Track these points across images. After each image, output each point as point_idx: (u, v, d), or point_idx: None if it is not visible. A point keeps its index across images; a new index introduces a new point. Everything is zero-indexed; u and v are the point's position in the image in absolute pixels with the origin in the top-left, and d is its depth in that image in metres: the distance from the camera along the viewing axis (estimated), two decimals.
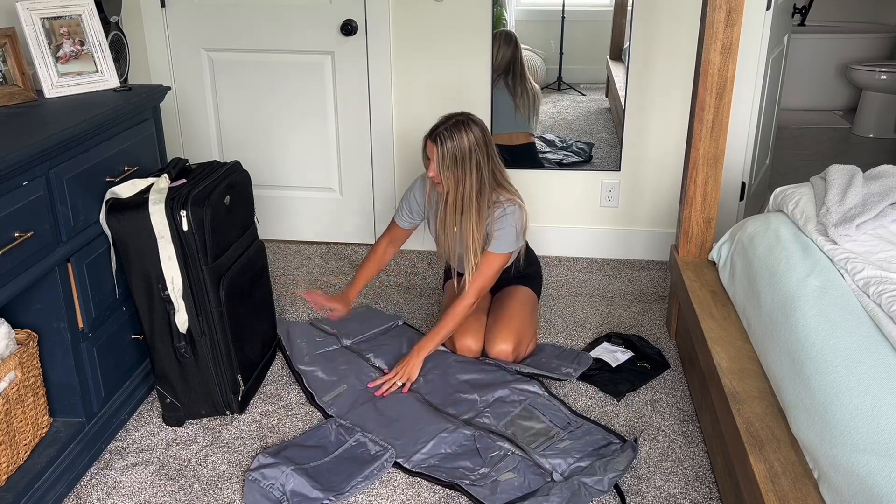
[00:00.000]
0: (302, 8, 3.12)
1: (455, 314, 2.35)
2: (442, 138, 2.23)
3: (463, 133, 2.23)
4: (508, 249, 2.35)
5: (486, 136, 2.28)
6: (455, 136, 2.22)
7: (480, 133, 2.26)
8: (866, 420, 1.40)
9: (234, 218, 2.24)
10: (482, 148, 2.26)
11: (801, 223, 2.14)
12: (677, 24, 2.94)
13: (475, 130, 2.25)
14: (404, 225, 2.55)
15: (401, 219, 2.55)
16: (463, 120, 2.25)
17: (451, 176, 2.26)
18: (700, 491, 1.94)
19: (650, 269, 3.19)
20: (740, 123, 3.02)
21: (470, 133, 2.23)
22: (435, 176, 2.28)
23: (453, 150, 2.22)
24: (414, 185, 2.50)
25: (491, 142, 2.30)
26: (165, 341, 2.13)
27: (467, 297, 2.35)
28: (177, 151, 3.40)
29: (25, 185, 1.75)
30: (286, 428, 2.21)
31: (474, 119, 2.27)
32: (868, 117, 5.17)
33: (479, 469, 1.97)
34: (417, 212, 2.51)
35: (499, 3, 3.02)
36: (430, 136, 2.27)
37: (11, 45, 2.16)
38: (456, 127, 2.23)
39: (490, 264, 2.35)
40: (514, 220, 2.32)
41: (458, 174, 2.25)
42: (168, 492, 1.96)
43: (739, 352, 1.97)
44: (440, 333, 2.36)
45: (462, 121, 2.25)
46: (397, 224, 2.56)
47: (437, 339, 2.36)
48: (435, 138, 2.24)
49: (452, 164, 2.24)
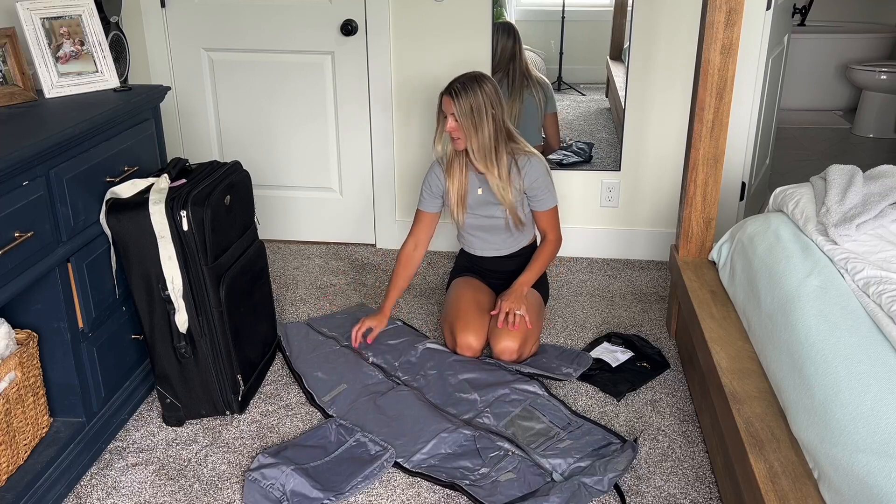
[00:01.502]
0: (302, 8, 3.13)
1: (545, 256, 2.54)
2: (457, 91, 2.36)
3: (477, 87, 2.36)
4: (555, 201, 2.53)
5: (499, 92, 2.42)
6: (470, 89, 2.35)
7: (493, 88, 2.39)
8: (866, 420, 1.40)
9: (234, 218, 2.24)
10: (497, 101, 2.39)
11: (801, 223, 2.14)
12: (677, 24, 2.94)
13: (489, 85, 2.38)
14: (431, 209, 2.58)
15: (425, 204, 2.58)
16: (476, 76, 2.39)
17: (472, 125, 2.37)
18: (700, 491, 1.94)
19: (650, 269, 3.19)
20: (740, 123, 3.02)
21: (485, 86, 2.37)
22: (454, 129, 2.39)
23: (469, 102, 2.35)
24: (431, 169, 2.56)
25: (503, 98, 2.43)
26: (165, 341, 2.13)
27: (551, 242, 2.56)
28: (177, 151, 3.40)
29: (25, 185, 1.75)
30: (286, 428, 2.21)
31: (485, 75, 2.42)
32: (868, 117, 5.17)
33: (479, 469, 1.97)
34: (439, 190, 2.56)
35: (499, 2, 3.02)
36: (446, 91, 2.38)
37: (11, 45, 2.16)
38: (470, 81, 2.37)
39: (550, 218, 2.54)
40: (539, 172, 2.46)
41: (477, 123, 2.37)
42: (168, 492, 1.97)
43: (739, 352, 1.97)
44: (534, 271, 2.52)
45: (476, 76, 2.39)
46: (423, 211, 2.59)
47: (533, 275, 2.52)
48: (451, 92, 2.37)
49: (470, 113, 2.36)
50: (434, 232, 2.63)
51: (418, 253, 2.61)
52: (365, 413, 2.21)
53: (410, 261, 2.59)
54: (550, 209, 2.53)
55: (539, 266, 2.53)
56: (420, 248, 2.60)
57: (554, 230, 2.56)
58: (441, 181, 2.53)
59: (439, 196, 2.56)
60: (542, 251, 2.55)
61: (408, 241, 2.61)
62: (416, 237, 2.60)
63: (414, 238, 2.60)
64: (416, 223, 2.60)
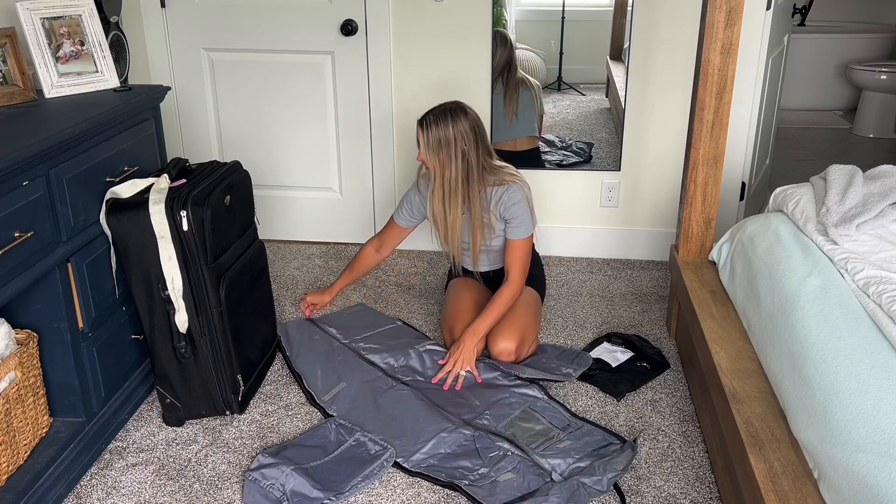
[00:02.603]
0: (302, 8, 3.12)
1: (502, 302, 2.40)
2: (427, 123, 2.33)
3: (449, 121, 2.31)
4: (529, 230, 2.42)
5: (476, 126, 2.35)
6: (441, 122, 2.31)
7: (468, 123, 2.33)
8: (866, 420, 1.40)
9: (234, 218, 2.24)
10: (469, 136, 2.32)
11: (801, 223, 2.14)
12: (677, 24, 2.94)
13: (463, 120, 2.32)
14: (403, 223, 2.59)
15: (400, 217, 2.58)
16: (452, 108, 2.34)
17: (437, 160, 2.34)
18: (700, 491, 1.94)
19: (650, 269, 3.19)
20: (740, 123, 3.02)
21: (458, 122, 2.31)
22: (423, 159, 2.37)
23: (437, 136, 2.31)
24: (417, 188, 2.54)
25: (481, 131, 2.37)
26: (165, 341, 2.13)
27: (512, 284, 2.42)
28: (177, 151, 3.40)
29: (25, 185, 1.75)
30: (286, 428, 2.21)
31: (465, 108, 2.35)
32: (868, 117, 5.17)
33: (479, 469, 1.97)
34: (419, 209, 2.55)
35: (499, 3, 3.02)
36: (419, 121, 2.36)
37: (11, 45, 2.16)
38: (444, 114, 2.32)
39: (519, 250, 2.43)
40: (517, 199, 2.39)
41: (442, 159, 2.33)
42: (168, 492, 1.97)
43: (739, 352, 1.97)
44: (489, 319, 2.39)
45: (451, 109, 2.33)
46: (395, 223, 2.61)
47: (487, 324, 2.39)
48: (422, 123, 2.34)
49: (437, 148, 2.32)
50: (401, 242, 2.66)
51: (380, 256, 2.65)
52: (364, 412, 2.21)
53: (368, 260, 2.65)
54: (522, 239, 2.40)
55: (494, 313, 2.38)
56: (383, 251, 2.64)
57: (517, 268, 2.41)
58: (422, 203, 2.54)
59: (419, 214, 2.57)
60: (499, 296, 2.39)
61: (373, 240, 2.65)
62: (381, 239, 2.64)
63: (380, 239, 2.64)
64: (388, 228, 2.63)
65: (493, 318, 2.39)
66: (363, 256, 2.66)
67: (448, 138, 2.30)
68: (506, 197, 2.39)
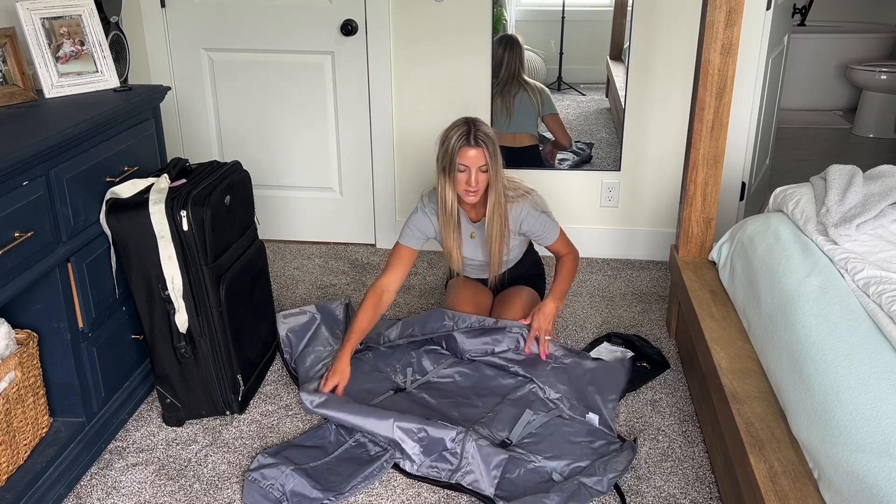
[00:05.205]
0: (302, 8, 3.13)
1: (568, 268, 2.45)
2: (481, 138, 2.20)
3: (486, 128, 2.23)
4: (557, 230, 2.43)
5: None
6: (488, 129, 2.22)
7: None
8: (866, 420, 1.40)
9: (234, 218, 2.24)
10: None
11: (801, 223, 2.14)
12: (677, 24, 2.94)
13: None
14: (414, 245, 2.39)
15: (409, 239, 2.39)
16: (479, 120, 2.25)
17: (495, 170, 2.24)
18: (700, 491, 1.94)
19: (650, 269, 3.19)
20: (740, 123, 3.02)
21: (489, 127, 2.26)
22: (482, 181, 2.22)
23: (495, 144, 2.23)
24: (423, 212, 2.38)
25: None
26: (165, 341, 2.13)
27: (568, 254, 2.47)
28: (177, 151, 3.40)
29: (25, 185, 1.75)
30: (286, 428, 2.21)
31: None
32: (868, 117, 5.17)
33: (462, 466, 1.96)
34: (432, 232, 2.40)
35: (499, 3, 3.02)
36: (471, 143, 2.18)
37: (11, 45, 2.16)
38: (482, 125, 2.23)
39: (561, 246, 2.46)
40: (535, 214, 2.37)
41: (498, 165, 2.25)
42: (168, 492, 1.97)
43: (739, 352, 1.97)
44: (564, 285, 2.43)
45: (479, 120, 2.25)
46: (405, 246, 2.39)
47: (563, 289, 2.43)
48: (477, 142, 2.19)
49: (496, 155, 2.23)
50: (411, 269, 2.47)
51: (390, 295, 2.38)
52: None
53: (381, 302, 2.35)
54: (557, 239, 2.44)
55: (566, 279, 2.44)
56: (393, 287, 2.38)
57: (567, 248, 2.48)
58: (434, 227, 2.39)
59: (426, 237, 2.41)
60: (563, 266, 2.46)
61: (382, 279, 2.36)
62: (393, 275, 2.37)
63: (389, 276, 2.37)
64: (396, 259, 2.39)
65: (567, 284, 2.45)
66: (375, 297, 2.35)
67: (496, 143, 2.23)
68: (523, 217, 2.36)
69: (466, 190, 2.24)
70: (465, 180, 2.23)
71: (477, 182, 2.21)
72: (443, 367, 2.39)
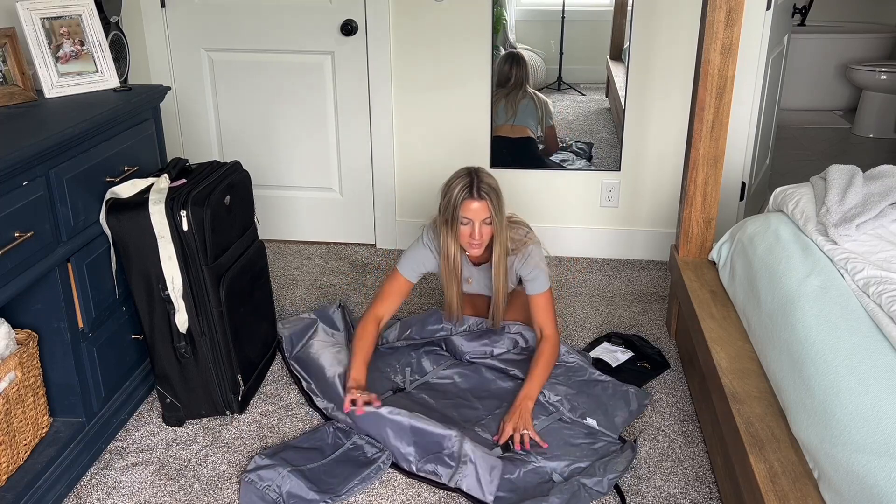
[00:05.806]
0: (302, 8, 3.13)
1: (546, 360, 2.23)
2: (485, 190, 2.11)
3: (491, 179, 2.15)
4: (547, 283, 2.29)
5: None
6: (491, 180, 2.14)
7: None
8: (866, 420, 1.40)
9: (234, 218, 2.24)
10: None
11: (801, 223, 2.14)
12: (677, 24, 2.94)
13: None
14: (412, 278, 2.34)
15: (408, 271, 2.34)
16: (482, 169, 2.16)
17: (500, 221, 2.15)
18: (700, 491, 1.94)
19: (650, 269, 3.19)
20: (740, 123, 3.02)
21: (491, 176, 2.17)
22: (486, 234, 2.15)
23: (500, 197, 2.14)
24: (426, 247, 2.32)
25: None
26: (165, 341, 2.13)
27: (549, 338, 2.27)
28: (177, 151, 3.40)
29: (25, 185, 1.75)
30: (286, 428, 2.21)
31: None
32: (868, 117, 5.17)
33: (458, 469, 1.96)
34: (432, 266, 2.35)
35: (499, 2, 3.02)
36: (474, 195, 2.11)
37: (11, 45, 2.16)
38: (486, 177, 2.14)
39: (544, 303, 2.29)
40: (536, 262, 2.27)
41: (503, 216, 2.16)
42: (168, 492, 1.97)
43: (739, 352, 1.97)
44: (538, 379, 2.19)
45: (482, 170, 2.16)
46: (403, 277, 2.33)
47: (538, 385, 2.18)
48: (481, 194, 2.10)
49: (500, 208, 2.14)
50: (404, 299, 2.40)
51: (383, 325, 2.35)
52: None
53: (377, 330, 2.32)
54: (543, 293, 2.28)
55: (541, 374, 2.20)
56: (388, 317, 2.35)
57: (550, 323, 2.29)
58: (435, 262, 2.32)
59: (426, 270, 2.35)
60: (541, 355, 2.23)
61: (378, 308, 2.32)
62: (389, 305, 2.33)
63: (385, 306, 2.33)
64: (394, 289, 2.33)
65: (543, 378, 2.20)
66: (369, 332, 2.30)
67: (500, 192, 2.14)
68: (525, 262, 2.27)
69: (470, 243, 2.17)
70: (468, 233, 2.15)
71: (481, 235, 2.14)
72: (442, 367, 2.39)
